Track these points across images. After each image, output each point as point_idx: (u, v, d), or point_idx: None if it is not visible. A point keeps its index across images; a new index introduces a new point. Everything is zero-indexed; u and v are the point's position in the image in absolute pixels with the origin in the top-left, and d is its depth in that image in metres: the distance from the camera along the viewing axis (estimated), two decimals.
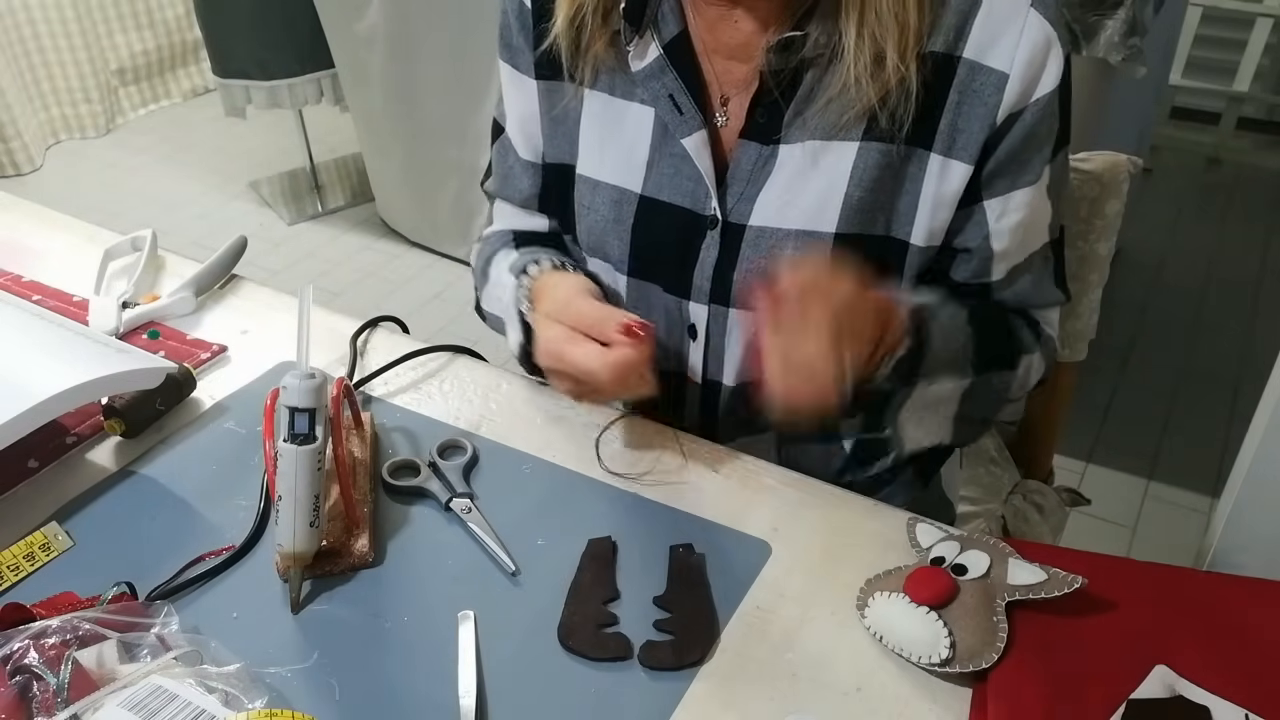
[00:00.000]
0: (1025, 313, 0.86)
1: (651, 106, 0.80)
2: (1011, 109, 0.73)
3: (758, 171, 0.78)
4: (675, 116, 0.79)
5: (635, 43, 0.79)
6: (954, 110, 0.74)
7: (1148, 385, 2.32)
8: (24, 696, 0.56)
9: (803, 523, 0.74)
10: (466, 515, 0.74)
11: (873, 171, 0.75)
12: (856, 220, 0.77)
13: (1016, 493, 1.16)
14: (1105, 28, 1.73)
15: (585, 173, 0.85)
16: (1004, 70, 0.72)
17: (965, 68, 0.73)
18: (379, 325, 0.96)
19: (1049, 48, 0.72)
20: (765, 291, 0.66)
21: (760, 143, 0.77)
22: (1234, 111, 3.32)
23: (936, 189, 0.76)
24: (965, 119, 0.74)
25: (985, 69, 0.73)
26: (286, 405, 0.65)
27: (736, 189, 0.79)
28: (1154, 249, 2.85)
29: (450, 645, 0.64)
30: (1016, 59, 0.72)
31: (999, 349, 0.82)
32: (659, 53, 0.78)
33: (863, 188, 0.76)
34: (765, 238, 0.78)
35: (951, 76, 0.73)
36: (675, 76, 0.78)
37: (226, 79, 2.75)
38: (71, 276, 1.01)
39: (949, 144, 0.75)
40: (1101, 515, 1.95)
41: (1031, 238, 0.81)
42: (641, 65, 0.79)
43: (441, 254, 2.81)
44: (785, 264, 0.70)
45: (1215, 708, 0.58)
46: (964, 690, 0.62)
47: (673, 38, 0.78)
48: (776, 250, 0.78)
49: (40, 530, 0.71)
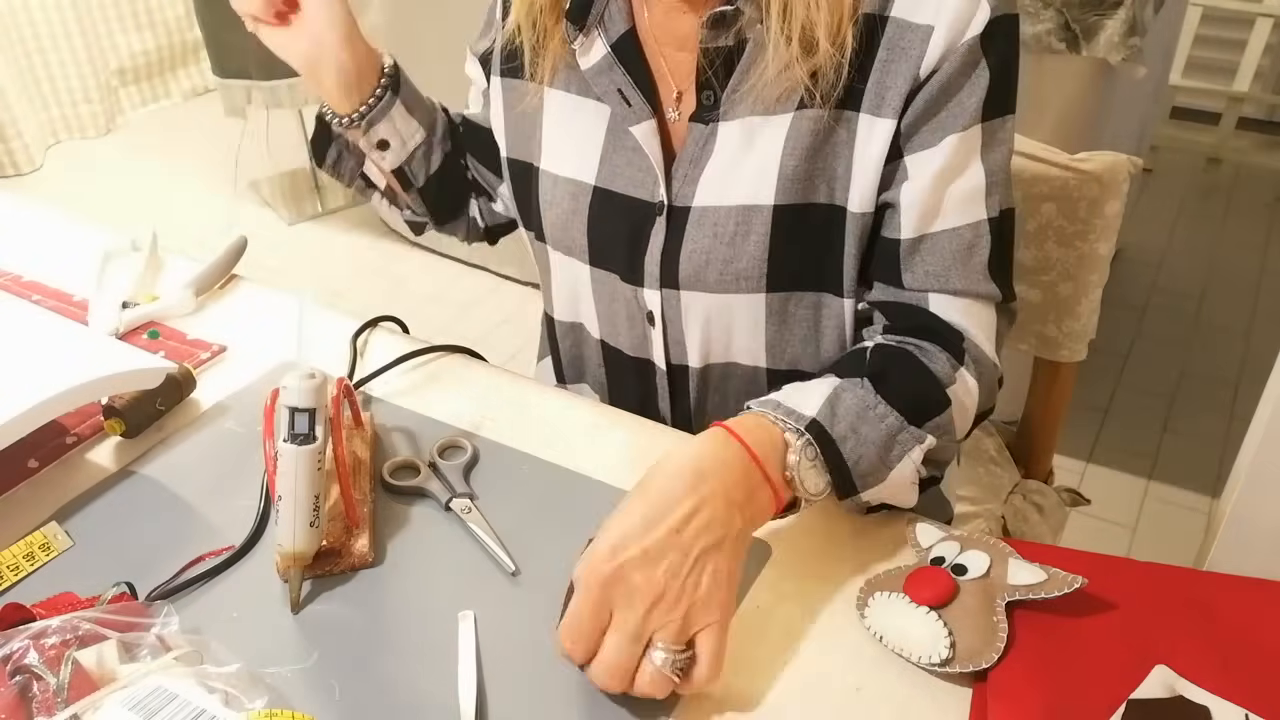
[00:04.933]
0: (940, 328, 0.76)
1: (605, 103, 0.83)
2: (936, 63, 0.73)
3: (700, 152, 0.79)
4: (624, 109, 0.81)
5: (581, 42, 0.82)
6: (881, 69, 0.74)
7: (1148, 385, 2.32)
8: (24, 696, 0.55)
9: (803, 523, 0.74)
10: (466, 515, 0.74)
11: (804, 139, 0.76)
12: (795, 190, 0.77)
13: (1016, 493, 1.16)
14: (1105, 28, 1.73)
15: (547, 168, 0.88)
16: (929, 24, 0.72)
17: (893, 25, 0.73)
18: (379, 325, 0.96)
19: (976, 3, 0.72)
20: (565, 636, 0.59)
21: (702, 123, 0.79)
22: (1234, 111, 3.32)
23: (865, 150, 0.76)
24: (891, 76, 0.73)
25: (911, 25, 0.72)
26: (286, 405, 0.65)
27: (682, 171, 0.80)
28: (1154, 249, 2.86)
29: (450, 645, 0.64)
30: (941, 10, 0.72)
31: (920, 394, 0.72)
32: (605, 50, 0.81)
33: (796, 157, 0.76)
34: (708, 216, 0.79)
35: (880, 35, 0.73)
36: (623, 72, 0.81)
37: (226, 79, 2.74)
38: (71, 276, 1.02)
39: (877, 103, 0.74)
40: (1101, 515, 1.95)
41: (957, 202, 0.75)
42: (590, 64, 0.82)
43: (441, 254, 2.81)
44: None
45: (1215, 708, 0.58)
46: (964, 690, 0.62)
47: (620, 36, 0.81)
48: (720, 228, 0.79)
49: (40, 530, 0.71)
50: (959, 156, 0.75)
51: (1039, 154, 1.03)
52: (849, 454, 0.68)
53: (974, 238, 0.76)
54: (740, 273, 0.80)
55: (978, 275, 0.77)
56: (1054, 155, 1.03)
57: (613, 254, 0.86)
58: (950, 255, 0.76)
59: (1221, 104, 3.35)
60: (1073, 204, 1.02)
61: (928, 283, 0.77)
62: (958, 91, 0.74)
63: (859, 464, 0.68)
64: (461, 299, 2.65)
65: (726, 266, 0.80)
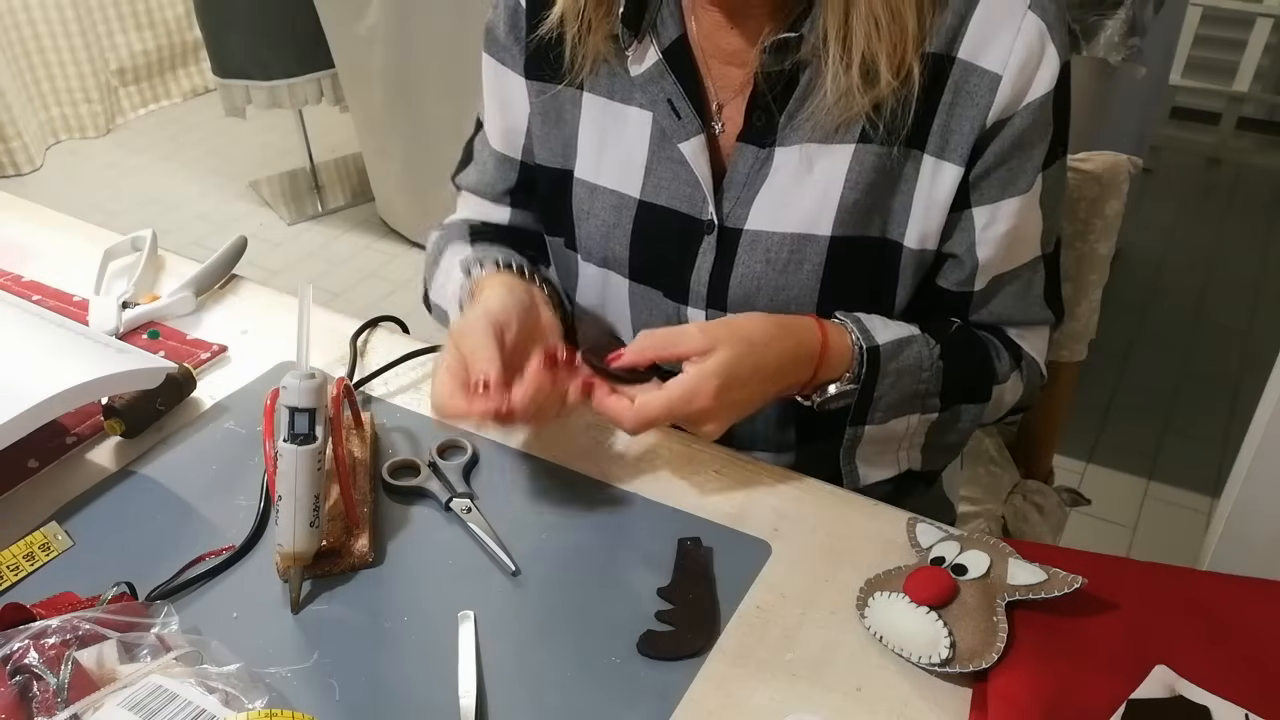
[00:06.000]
0: (1003, 333, 0.84)
1: (649, 110, 0.80)
2: (1003, 112, 0.73)
3: (754, 175, 0.78)
4: (673, 121, 0.78)
5: (634, 47, 0.79)
6: (947, 111, 0.73)
7: (1148, 385, 2.32)
8: (24, 696, 0.55)
9: (803, 523, 0.74)
10: (466, 515, 0.74)
11: (868, 174, 0.75)
12: (852, 223, 0.77)
13: (1016, 493, 1.16)
14: (1105, 28, 1.73)
15: (583, 176, 0.85)
16: (997, 71, 0.72)
17: (959, 68, 0.72)
18: (379, 325, 0.96)
19: (1043, 50, 0.72)
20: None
21: (757, 146, 0.77)
22: (1234, 111, 3.32)
23: (929, 191, 0.76)
24: (957, 120, 0.73)
25: (978, 69, 0.72)
26: (286, 405, 0.65)
27: (733, 193, 0.79)
28: (1154, 249, 2.85)
29: (450, 645, 0.64)
30: (1010, 60, 0.71)
31: (970, 382, 0.81)
32: (658, 57, 0.78)
33: (858, 190, 0.76)
34: (761, 241, 0.78)
35: (946, 77, 0.73)
36: (674, 81, 0.78)
37: (226, 79, 2.75)
38: (71, 276, 1.01)
39: (941, 145, 0.74)
40: (1101, 515, 1.95)
41: (1019, 250, 0.79)
42: (640, 69, 0.79)
43: None
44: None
45: (1215, 708, 0.58)
46: (964, 690, 0.62)
47: (672, 42, 0.78)
48: (773, 254, 0.78)
49: (40, 530, 0.71)
50: (1024, 213, 0.77)
51: None
52: (879, 389, 0.76)
53: (1031, 275, 0.82)
54: (791, 300, 0.79)
55: (1035, 307, 0.83)
56: None
57: (658, 271, 0.84)
58: (1011, 296, 0.82)
59: (1221, 104, 3.35)
60: (1073, 204, 1.02)
61: (993, 320, 0.84)
62: (1029, 148, 0.75)
63: (879, 401, 0.77)
64: None
65: (778, 294, 0.79)
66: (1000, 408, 0.84)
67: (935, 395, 0.79)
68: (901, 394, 0.77)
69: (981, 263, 0.79)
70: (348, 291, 2.68)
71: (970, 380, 0.81)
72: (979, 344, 0.82)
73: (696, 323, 0.72)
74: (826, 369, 0.75)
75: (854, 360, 0.76)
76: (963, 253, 0.79)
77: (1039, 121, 0.74)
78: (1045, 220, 0.79)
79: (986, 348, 0.83)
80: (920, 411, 0.79)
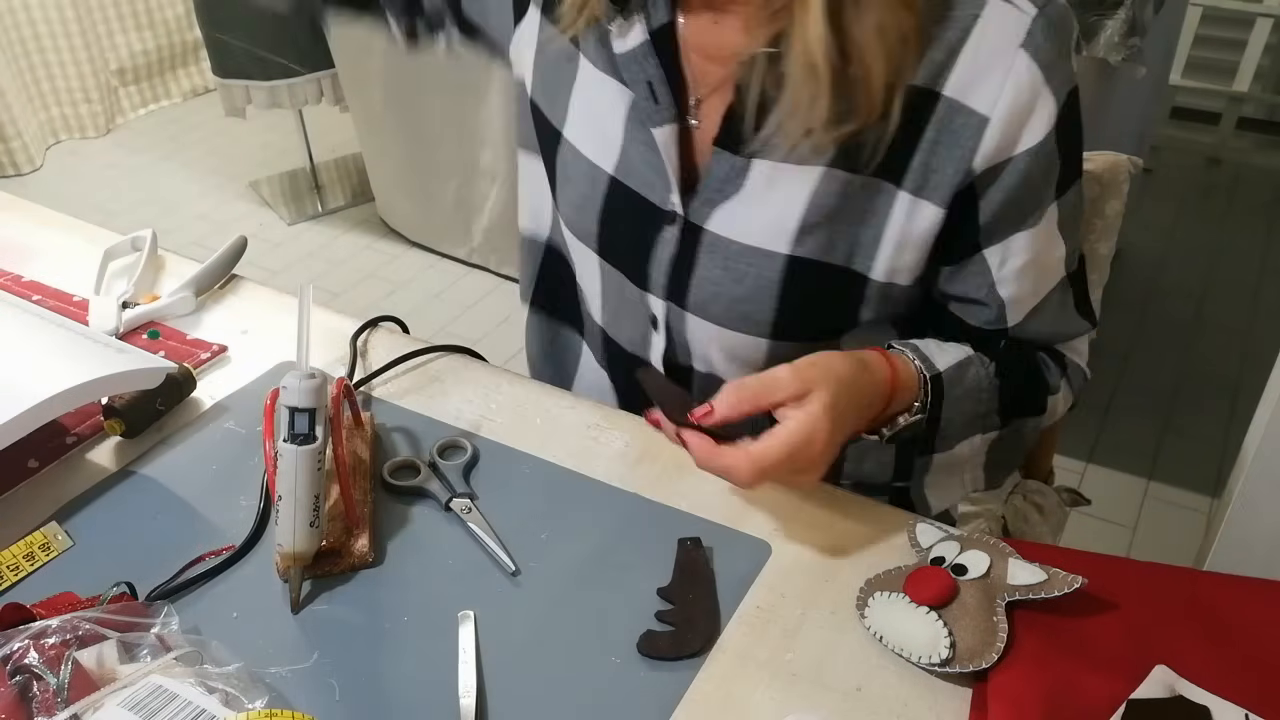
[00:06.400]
0: (1050, 348, 0.84)
1: (630, 90, 0.79)
2: (992, 157, 0.70)
3: (729, 182, 0.77)
4: (650, 105, 0.78)
5: (619, 23, 0.78)
6: (929, 149, 0.71)
7: (1148, 385, 2.32)
8: (24, 696, 0.56)
9: (803, 523, 0.74)
10: (466, 515, 0.74)
11: (833, 200, 0.74)
12: (812, 246, 0.76)
13: (1016, 493, 1.16)
14: (1105, 28, 1.73)
15: (570, 138, 0.84)
16: (984, 114, 0.69)
17: (945, 105, 0.70)
18: (379, 325, 0.96)
19: (1036, 93, 0.68)
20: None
21: (734, 153, 0.76)
22: (1234, 111, 3.32)
23: (903, 227, 0.74)
24: (940, 159, 0.71)
25: (965, 109, 0.69)
26: (286, 405, 0.65)
27: (705, 194, 0.78)
28: (1154, 249, 2.86)
29: (450, 645, 0.64)
30: (999, 103, 0.68)
31: (1026, 396, 0.81)
32: (644, 38, 0.77)
33: (820, 214, 0.74)
34: (720, 247, 0.78)
35: (930, 113, 0.70)
36: (657, 65, 0.77)
37: (226, 79, 2.74)
38: (71, 276, 1.01)
39: (920, 183, 0.72)
40: (1101, 515, 1.95)
41: (1044, 278, 0.78)
42: (626, 47, 0.78)
43: (441, 254, 2.81)
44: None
45: (1215, 708, 0.58)
46: (964, 690, 0.62)
47: (660, 26, 0.77)
48: (730, 262, 0.78)
49: (40, 530, 0.71)
50: (1042, 242, 0.76)
51: None
52: (945, 415, 0.76)
53: (1062, 295, 0.81)
54: (748, 314, 0.79)
55: (1072, 321, 0.83)
56: None
57: (620, 251, 0.84)
58: (1047, 319, 0.81)
59: (1221, 104, 3.35)
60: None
61: (1034, 343, 0.83)
62: (1037, 188, 0.73)
63: (946, 427, 0.77)
64: (461, 299, 2.65)
65: (734, 304, 0.79)
66: (1054, 416, 0.84)
67: (995, 414, 0.79)
68: (965, 416, 0.77)
69: (1008, 300, 0.78)
70: (348, 291, 2.68)
71: (1026, 394, 0.81)
72: (1029, 358, 0.82)
73: (782, 366, 0.69)
74: (898, 401, 0.74)
75: (920, 389, 0.75)
76: (984, 295, 0.78)
77: (1041, 162, 0.71)
78: (1067, 244, 0.78)
79: (1036, 360, 0.83)
80: (982, 431, 0.79)
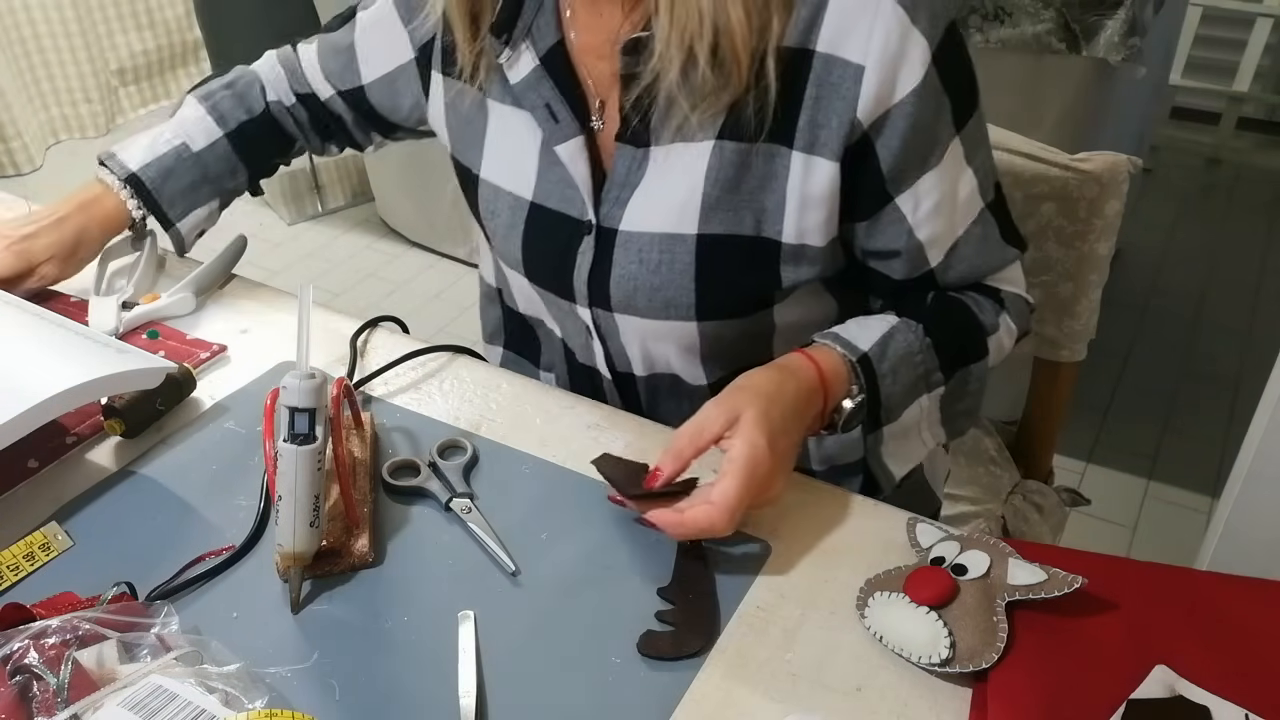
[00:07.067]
0: (980, 285, 0.84)
1: (533, 114, 0.81)
2: (875, 104, 0.71)
3: (631, 175, 0.78)
4: (551, 125, 0.79)
5: (507, 56, 0.80)
6: (813, 106, 0.72)
7: (1148, 385, 2.32)
8: (24, 696, 0.56)
9: (803, 523, 0.74)
10: (466, 515, 0.74)
11: (729, 170, 0.75)
12: (719, 220, 0.76)
13: (1016, 493, 1.16)
14: (1105, 28, 1.73)
15: (487, 177, 0.86)
16: (859, 62, 0.70)
17: (820, 61, 0.71)
18: (379, 325, 0.96)
19: (905, 35, 0.69)
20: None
21: (634, 146, 0.77)
22: (1234, 111, 3.32)
23: (802, 186, 0.75)
24: (824, 114, 0.72)
25: (840, 61, 0.70)
26: (286, 405, 0.65)
27: (613, 194, 0.79)
28: (1154, 249, 2.85)
29: (450, 645, 0.64)
30: (871, 49, 0.69)
31: (963, 344, 0.81)
32: (535, 63, 0.79)
33: (720, 187, 0.75)
34: (634, 242, 0.79)
35: (807, 71, 0.71)
36: (552, 86, 0.79)
37: None
38: None
39: (810, 141, 0.73)
40: (1101, 515, 1.95)
41: (959, 213, 0.78)
42: (519, 77, 0.80)
43: (441, 254, 2.81)
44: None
45: (1215, 708, 0.58)
46: (964, 690, 0.62)
47: (549, 48, 0.79)
48: (645, 254, 0.78)
49: (40, 530, 0.71)
50: (949, 178, 0.76)
51: (1039, 154, 1.03)
52: (883, 390, 0.76)
53: (983, 228, 0.80)
54: (669, 301, 0.80)
55: (997, 251, 0.82)
56: (1054, 155, 1.03)
57: (545, 271, 0.85)
58: (972, 255, 0.81)
59: (1221, 104, 3.35)
60: (1073, 204, 1.02)
61: (962, 282, 0.83)
62: (928, 129, 0.73)
63: (889, 400, 0.77)
64: (461, 299, 2.65)
65: (654, 294, 0.80)
66: (1002, 352, 0.84)
67: (936, 370, 0.79)
68: (905, 385, 0.78)
69: (926, 241, 0.78)
70: (348, 291, 2.68)
71: (963, 342, 0.81)
72: (957, 306, 0.82)
73: (708, 403, 0.70)
74: (832, 393, 0.75)
75: (850, 374, 0.76)
76: (903, 245, 0.78)
77: (928, 102, 0.72)
78: (976, 175, 0.78)
79: (965, 305, 0.82)
80: (927, 391, 0.80)
